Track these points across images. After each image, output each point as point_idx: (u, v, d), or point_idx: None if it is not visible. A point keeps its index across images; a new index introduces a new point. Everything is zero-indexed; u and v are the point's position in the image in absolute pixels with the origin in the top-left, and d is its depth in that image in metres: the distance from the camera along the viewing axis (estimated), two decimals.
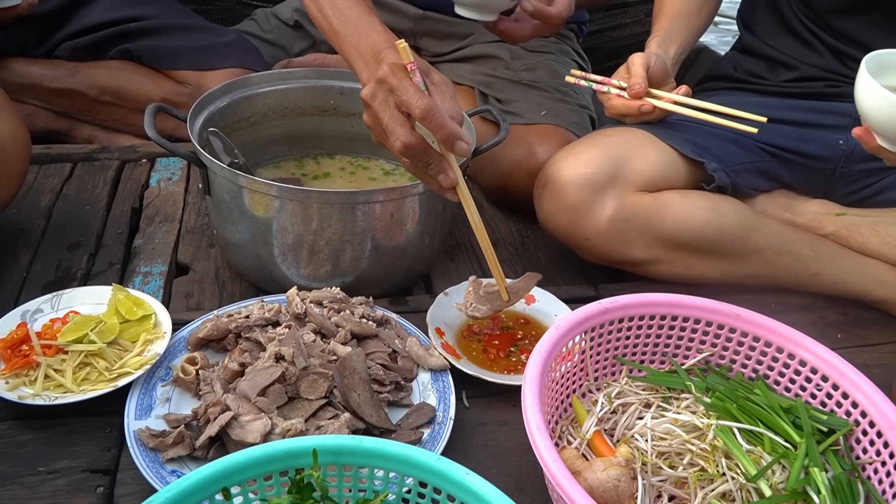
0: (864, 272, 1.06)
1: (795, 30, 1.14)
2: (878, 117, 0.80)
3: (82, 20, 1.33)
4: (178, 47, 1.27)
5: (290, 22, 1.53)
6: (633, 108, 1.03)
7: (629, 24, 1.94)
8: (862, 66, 0.81)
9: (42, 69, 1.32)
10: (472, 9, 1.05)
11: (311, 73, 1.15)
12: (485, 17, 1.06)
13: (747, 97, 1.17)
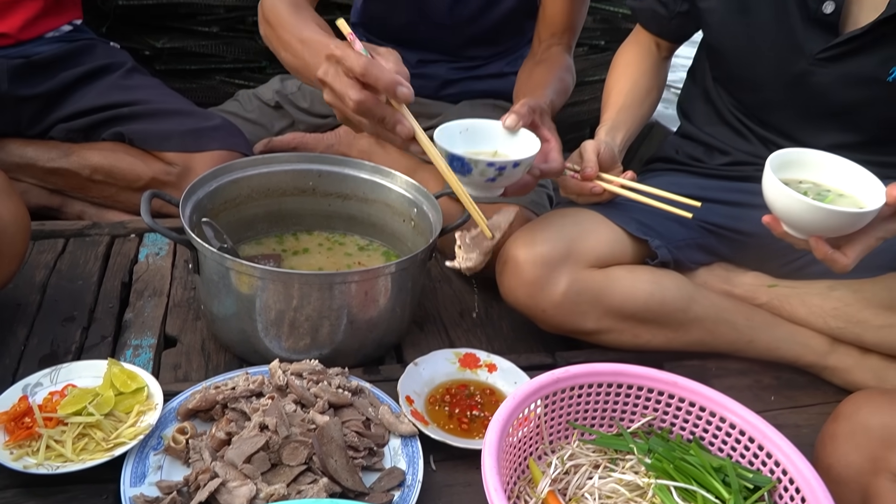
0: (793, 339, 1.17)
1: (728, 120, 1.27)
2: (780, 209, 0.93)
3: (77, 103, 1.43)
4: (168, 131, 1.37)
5: (272, 103, 1.65)
6: (585, 189, 1.14)
7: (587, 100, 2.10)
8: (767, 164, 0.94)
9: (37, 150, 1.41)
10: (493, 190, 1.05)
11: (292, 158, 1.25)
12: (495, 193, 1.06)
13: (688, 178, 1.30)
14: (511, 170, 1.00)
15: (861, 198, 0.94)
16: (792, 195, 0.89)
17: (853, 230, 0.91)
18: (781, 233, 0.96)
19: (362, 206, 1.27)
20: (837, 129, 1.17)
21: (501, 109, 1.55)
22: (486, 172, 0.99)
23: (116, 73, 1.47)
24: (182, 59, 1.84)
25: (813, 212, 0.89)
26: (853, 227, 0.90)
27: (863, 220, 0.89)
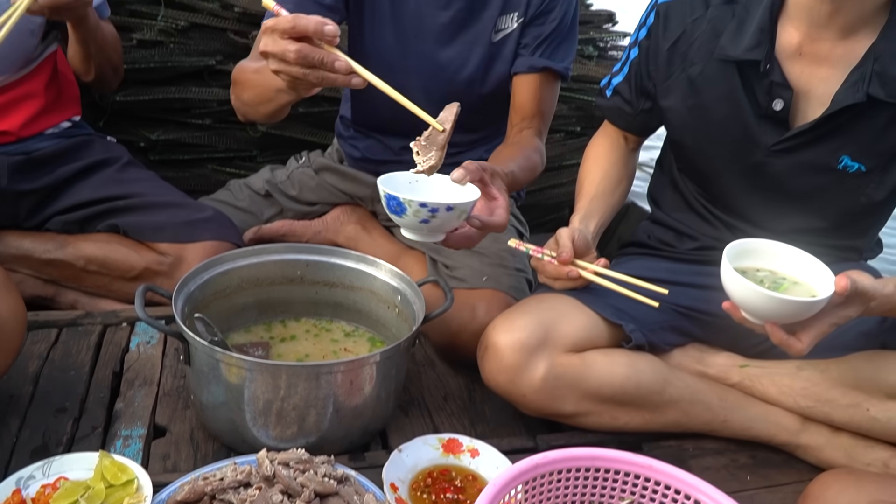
0: (766, 419, 1.21)
1: (694, 207, 1.34)
2: (737, 297, 0.98)
3: (74, 197, 1.49)
4: (162, 223, 1.43)
5: (262, 191, 1.71)
6: (561, 273, 1.18)
7: (565, 182, 2.18)
8: (724, 254, 1.00)
9: (34, 242, 1.46)
10: (429, 234, 1.08)
11: (280, 248, 1.31)
12: (436, 238, 1.09)
13: (660, 262, 1.36)
14: (444, 213, 1.03)
15: (814, 286, 1.00)
16: (746, 285, 0.95)
17: (806, 317, 0.96)
18: (740, 318, 1.01)
19: (348, 294, 1.32)
20: (798, 214, 1.24)
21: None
22: (420, 213, 1.03)
23: (112, 167, 1.53)
24: (176, 150, 1.92)
25: (767, 300, 0.94)
26: (806, 315, 0.96)
27: (814, 308, 0.95)
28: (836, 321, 0.97)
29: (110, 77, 1.58)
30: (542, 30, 1.46)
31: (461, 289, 1.37)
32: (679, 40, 1.23)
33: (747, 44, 1.14)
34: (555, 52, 1.47)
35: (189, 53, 1.84)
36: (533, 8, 1.45)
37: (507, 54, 1.48)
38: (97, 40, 1.46)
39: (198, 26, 1.83)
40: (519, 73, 1.48)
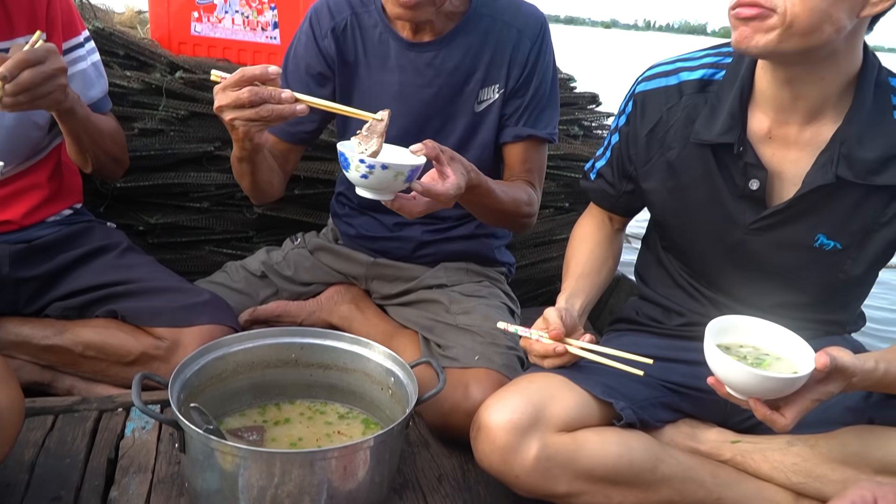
0: (760, 495, 1.21)
1: (680, 284, 1.38)
2: (720, 374, 1.01)
3: (73, 283, 1.52)
4: (159, 307, 1.45)
5: (258, 273, 1.75)
6: (549, 350, 1.21)
7: (555, 257, 2.22)
8: (706, 331, 1.03)
9: (33, 328, 1.48)
10: (372, 191, 1.20)
11: (275, 332, 1.33)
12: (383, 197, 1.20)
13: (649, 339, 1.39)
14: (379, 171, 1.15)
15: (796, 362, 1.03)
16: (729, 361, 0.98)
17: (788, 393, 0.98)
18: (724, 394, 1.03)
19: (342, 376, 1.34)
20: (780, 290, 1.27)
21: (474, 273, 1.68)
22: (360, 168, 1.15)
23: (112, 253, 1.57)
24: (174, 233, 1.96)
25: (749, 377, 0.97)
26: (788, 391, 0.98)
27: (795, 384, 0.97)
28: (819, 397, 0.99)
29: (111, 168, 1.62)
30: (523, 100, 1.54)
31: (454, 368, 1.39)
32: (656, 126, 1.29)
33: (720, 128, 1.20)
34: (538, 119, 1.56)
35: (188, 140, 1.90)
36: (513, 80, 1.53)
37: (489, 123, 1.55)
38: (89, 132, 1.48)
39: (197, 115, 1.90)
40: (507, 142, 1.56)
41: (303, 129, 1.58)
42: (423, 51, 1.51)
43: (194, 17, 2.06)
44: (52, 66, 1.27)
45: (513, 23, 1.52)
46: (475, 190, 1.34)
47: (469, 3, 1.51)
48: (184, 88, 1.88)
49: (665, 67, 1.30)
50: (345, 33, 1.55)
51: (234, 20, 2.04)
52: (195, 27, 2.07)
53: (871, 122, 1.12)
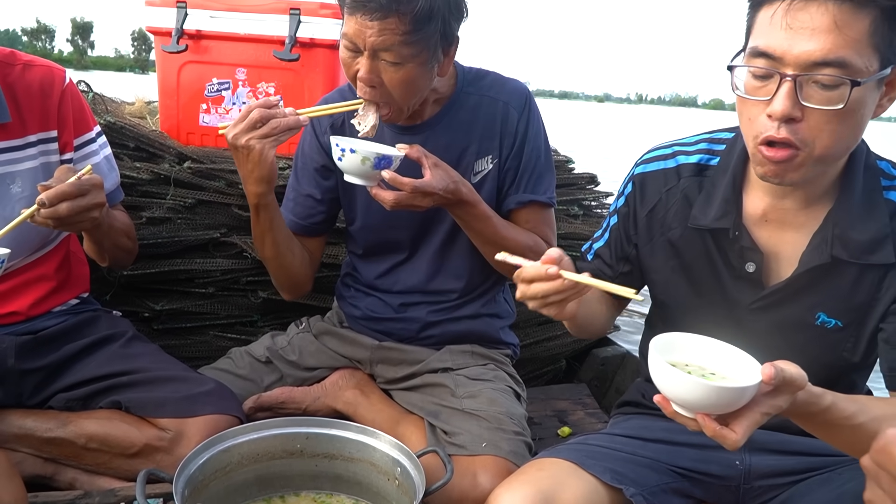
0: None
1: None
2: (667, 389, 0.96)
3: (78, 374, 1.52)
4: (164, 398, 1.45)
5: (262, 358, 1.75)
6: (541, 272, 1.10)
7: (559, 335, 2.23)
8: (651, 346, 0.99)
9: (36, 421, 1.47)
10: (350, 175, 1.39)
11: (280, 422, 1.33)
12: (363, 182, 1.39)
13: (656, 422, 1.37)
14: (350, 154, 1.35)
15: (742, 377, 0.99)
16: (678, 375, 0.94)
17: (737, 406, 0.94)
18: (671, 412, 0.99)
19: (348, 466, 1.32)
20: None
21: (480, 356, 1.68)
22: (335, 151, 1.37)
23: (117, 343, 1.57)
24: (179, 318, 1.97)
25: (697, 389, 0.93)
26: (736, 403, 0.94)
27: (744, 395, 0.94)
28: (767, 410, 0.95)
29: (125, 260, 1.65)
30: (519, 168, 1.60)
31: (461, 455, 1.37)
32: (656, 207, 1.32)
33: (715, 214, 1.22)
34: (536, 185, 1.62)
35: (195, 228, 1.94)
36: (506, 149, 1.59)
37: (487, 191, 1.60)
38: (111, 238, 1.53)
39: (204, 202, 1.95)
40: (511, 209, 1.62)
41: (313, 221, 1.68)
42: (417, 133, 1.58)
43: (203, 108, 2.13)
44: (91, 201, 1.33)
45: (498, 97, 1.60)
46: (468, 208, 1.48)
47: (455, 86, 1.60)
48: (191, 177, 1.93)
49: (663, 151, 1.34)
50: (342, 128, 1.64)
51: (241, 111, 2.10)
52: (203, 118, 2.13)
53: (862, 203, 1.15)
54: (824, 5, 0.98)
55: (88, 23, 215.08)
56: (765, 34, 1.03)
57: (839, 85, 1.00)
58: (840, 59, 0.99)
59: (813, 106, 1.02)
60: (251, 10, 2.04)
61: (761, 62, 1.04)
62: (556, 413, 2.04)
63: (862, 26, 0.98)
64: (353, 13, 1.34)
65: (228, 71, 2.10)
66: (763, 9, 1.05)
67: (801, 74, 1.01)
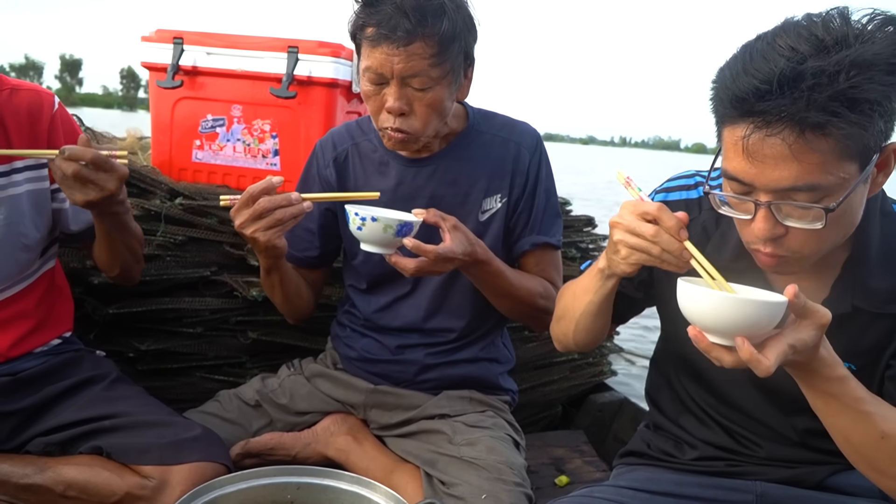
0: None
1: (691, 409, 1.33)
2: (700, 312, 0.94)
3: (58, 417, 1.44)
4: (147, 444, 1.38)
5: (252, 402, 1.68)
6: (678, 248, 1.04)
7: (556, 380, 2.18)
8: (679, 281, 0.97)
9: (12, 466, 1.39)
10: (369, 244, 1.38)
11: (270, 471, 1.26)
12: (382, 251, 1.38)
13: (663, 473, 1.32)
14: (371, 223, 1.33)
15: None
16: (712, 294, 0.93)
17: (770, 327, 0.93)
18: (707, 345, 0.96)
19: None
20: (803, 416, 1.21)
21: (478, 402, 1.63)
22: (355, 221, 1.34)
23: (100, 385, 1.51)
24: (165, 359, 1.91)
25: (732, 305, 0.91)
26: (769, 321, 0.92)
27: (775, 312, 0.92)
28: (794, 343, 0.92)
29: (134, 269, 1.60)
30: (533, 211, 1.59)
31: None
32: None
33: (731, 255, 1.19)
34: (550, 227, 1.63)
35: (185, 265, 1.88)
36: (517, 189, 1.58)
37: (494, 230, 1.59)
38: (125, 236, 1.50)
39: (195, 240, 1.90)
40: (524, 251, 1.61)
41: (309, 255, 1.69)
42: (424, 165, 1.57)
43: (196, 144, 2.09)
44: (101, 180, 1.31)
45: (510, 137, 1.60)
46: (482, 267, 1.47)
47: (466, 122, 1.60)
48: (182, 214, 1.89)
49: (685, 181, 1.29)
50: (346, 162, 1.64)
51: (236, 148, 2.08)
52: (196, 154, 2.10)
53: (880, 252, 1.12)
54: (779, 139, 0.93)
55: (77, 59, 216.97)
56: (732, 159, 0.99)
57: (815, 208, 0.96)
58: (809, 183, 0.95)
59: (793, 224, 1.00)
60: (249, 48, 2.02)
61: (735, 186, 1.01)
62: (553, 461, 1.98)
63: (824, 148, 0.92)
64: (377, 45, 1.36)
65: (223, 107, 2.07)
66: (726, 128, 1.00)
67: (773, 202, 0.98)
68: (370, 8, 1.37)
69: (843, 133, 0.92)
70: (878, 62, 0.90)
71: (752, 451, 1.27)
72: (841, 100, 0.90)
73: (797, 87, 0.90)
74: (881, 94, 0.92)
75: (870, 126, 0.93)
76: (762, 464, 1.26)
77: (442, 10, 1.36)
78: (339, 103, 2.05)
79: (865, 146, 0.95)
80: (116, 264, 1.57)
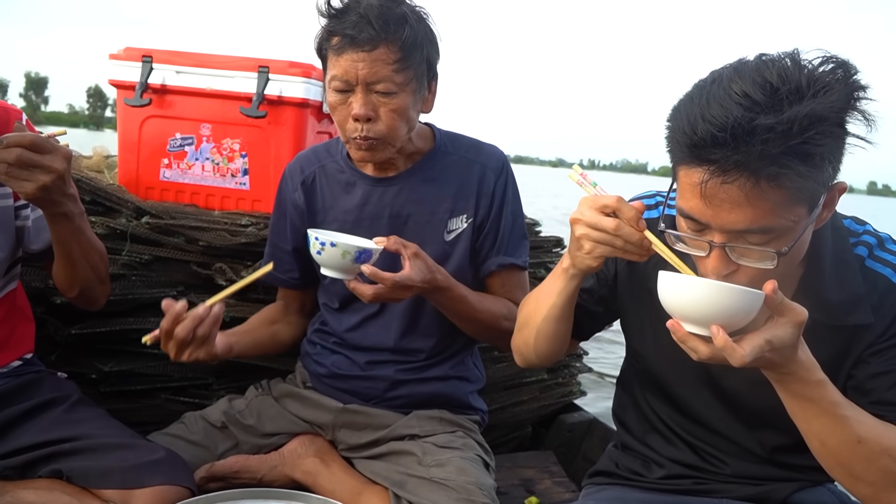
0: None
1: (659, 429, 1.34)
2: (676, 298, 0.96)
3: (17, 440, 1.40)
4: (109, 467, 1.34)
5: (218, 423, 1.65)
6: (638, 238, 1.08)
7: (526, 400, 2.18)
8: (660, 271, 0.99)
9: None
10: (328, 269, 1.39)
11: (235, 494, 1.25)
12: (341, 276, 1.40)
13: (631, 492, 1.33)
14: (330, 248, 1.35)
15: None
16: (690, 279, 0.95)
17: (747, 319, 0.95)
18: (684, 335, 0.97)
19: None
20: (768, 431, 1.24)
21: (448, 423, 1.62)
22: (315, 245, 1.37)
23: (60, 407, 1.47)
24: (128, 381, 1.87)
25: (710, 291, 0.93)
26: (747, 311, 0.94)
27: (752, 302, 0.94)
28: (770, 338, 0.94)
29: (97, 290, 1.56)
30: (499, 232, 1.61)
31: None
32: None
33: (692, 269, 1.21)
34: (516, 248, 1.64)
35: (151, 285, 1.86)
36: (482, 210, 1.60)
37: (460, 251, 1.60)
38: (84, 248, 1.46)
39: (161, 259, 1.87)
40: (490, 272, 1.62)
41: (292, 276, 1.73)
42: (390, 184, 1.59)
43: (164, 163, 2.08)
44: (46, 162, 1.27)
45: (476, 159, 1.62)
46: (445, 293, 1.49)
47: (433, 143, 1.62)
48: (149, 233, 1.86)
49: (647, 201, 1.31)
50: (313, 185, 1.66)
51: (205, 167, 2.06)
52: (164, 173, 2.08)
53: (834, 265, 1.15)
54: (735, 186, 0.95)
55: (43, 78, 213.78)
56: (689, 199, 1.02)
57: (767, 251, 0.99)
58: (762, 227, 0.98)
59: (746, 264, 1.02)
60: (219, 67, 2.02)
61: (691, 224, 1.04)
62: (523, 482, 1.97)
63: (777, 197, 0.96)
64: (342, 52, 1.41)
65: (193, 126, 2.06)
66: (682, 169, 1.02)
67: (727, 244, 1.01)
68: (336, 19, 1.43)
69: (797, 185, 0.95)
70: (831, 115, 0.94)
71: (719, 468, 1.28)
72: (794, 154, 0.93)
73: (752, 140, 0.92)
74: (832, 146, 0.95)
75: (820, 175, 0.97)
76: (728, 481, 1.28)
77: (404, 18, 1.42)
78: (309, 123, 2.05)
79: (815, 192, 0.99)
80: (76, 283, 1.52)
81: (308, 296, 1.78)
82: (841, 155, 0.99)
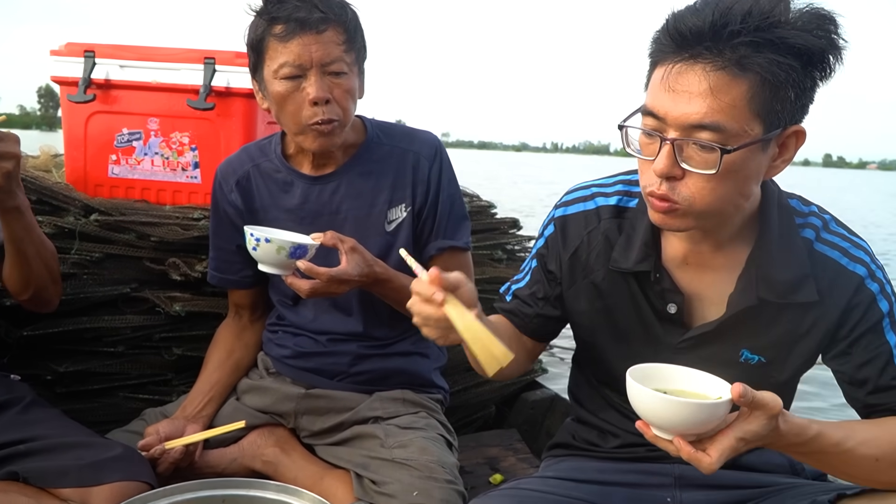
0: None
1: (613, 404, 1.37)
2: (645, 409, 0.98)
3: None
4: (65, 466, 1.33)
5: None
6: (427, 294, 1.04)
7: (487, 381, 2.20)
8: (628, 375, 1.01)
9: None
10: (266, 265, 1.42)
11: (194, 486, 1.24)
12: (279, 272, 1.42)
13: (587, 462, 1.36)
14: (265, 244, 1.37)
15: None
16: (649, 393, 0.97)
17: (711, 425, 0.96)
18: (652, 437, 1.00)
19: None
20: None
21: (411, 404, 1.64)
22: (250, 241, 1.39)
23: (13, 409, 1.44)
24: (85, 380, 1.84)
25: (670, 407, 0.95)
26: (709, 421, 0.96)
27: (714, 412, 0.95)
28: (743, 436, 0.96)
29: (50, 290, 1.54)
30: (437, 217, 1.62)
31: None
32: (578, 250, 1.31)
33: (636, 257, 1.23)
34: (455, 231, 1.65)
35: (103, 283, 1.83)
36: (419, 198, 1.61)
37: (402, 240, 1.61)
38: (35, 242, 1.44)
39: (113, 256, 1.85)
40: (431, 256, 1.63)
41: (244, 275, 1.71)
42: (328, 182, 1.60)
43: (112, 159, 2.04)
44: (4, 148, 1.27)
45: (409, 147, 1.64)
46: (385, 284, 1.51)
47: (365, 134, 1.63)
48: (99, 231, 1.84)
49: (582, 193, 1.34)
50: (249, 184, 1.65)
51: (154, 162, 2.04)
52: (112, 169, 2.05)
53: (780, 244, 1.17)
54: (702, 71, 1.00)
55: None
56: (653, 94, 1.06)
57: (714, 149, 1.02)
58: (715, 123, 1.01)
59: (689, 168, 1.05)
60: (164, 59, 1.99)
61: (649, 121, 1.07)
62: (488, 460, 2.00)
63: (738, 92, 1.00)
64: (291, 37, 1.42)
65: (139, 121, 2.03)
66: (657, 69, 1.07)
67: (678, 139, 1.04)
68: (277, 4, 1.43)
69: (757, 85, 0.99)
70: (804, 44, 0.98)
71: None
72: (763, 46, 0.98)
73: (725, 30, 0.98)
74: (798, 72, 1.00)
75: (783, 86, 1.00)
76: None
77: (343, 2, 1.49)
78: (259, 114, 2.04)
79: (773, 109, 1.02)
80: (31, 283, 1.50)
81: (261, 294, 1.76)
82: (803, 95, 1.03)
